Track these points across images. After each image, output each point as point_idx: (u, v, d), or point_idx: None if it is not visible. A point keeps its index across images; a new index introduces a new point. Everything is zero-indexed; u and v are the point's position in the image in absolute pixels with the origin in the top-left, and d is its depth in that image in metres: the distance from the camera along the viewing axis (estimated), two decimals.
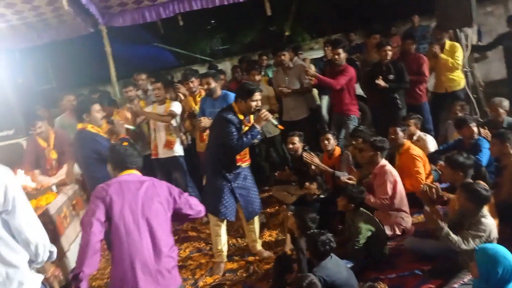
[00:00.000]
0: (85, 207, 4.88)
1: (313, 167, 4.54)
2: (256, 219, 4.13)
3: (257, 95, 3.65)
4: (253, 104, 3.65)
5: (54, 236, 3.82)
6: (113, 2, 5.82)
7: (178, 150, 5.12)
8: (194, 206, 2.82)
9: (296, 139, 4.84)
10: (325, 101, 6.44)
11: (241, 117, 3.74)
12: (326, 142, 4.80)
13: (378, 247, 3.63)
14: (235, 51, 11.54)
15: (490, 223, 3.03)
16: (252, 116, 3.84)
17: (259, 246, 4.20)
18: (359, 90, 5.97)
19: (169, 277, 2.54)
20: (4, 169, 1.95)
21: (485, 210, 3.09)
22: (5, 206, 1.88)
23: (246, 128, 3.76)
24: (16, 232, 1.93)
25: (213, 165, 3.92)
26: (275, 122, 3.93)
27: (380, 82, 5.23)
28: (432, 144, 4.96)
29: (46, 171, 4.88)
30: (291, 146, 4.87)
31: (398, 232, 3.97)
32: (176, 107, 5.04)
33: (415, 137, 4.90)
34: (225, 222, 4.01)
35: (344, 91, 5.40)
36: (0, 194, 1.86)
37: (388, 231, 3.92)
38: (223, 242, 4.03)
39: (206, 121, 4.43)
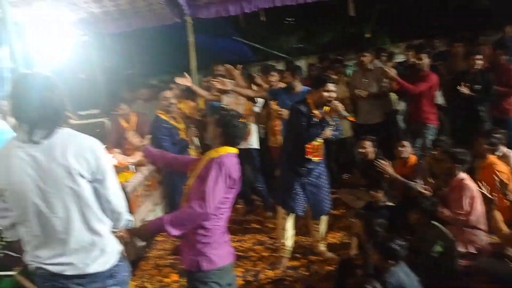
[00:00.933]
0: (158, 188, 5.11)
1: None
2: (323, 219, 4.11)
3: (330, 86, 3.65)
4: (326, 94, 3.63)
5: None
6: None
7: (253, 142, 5.18)
8: None
9: (368, 144, 4.74)
10: (402, 107, 6.24)
11: (313, 107, 3.73)
12: (401, 149, 4.64)
13: (448, 263, 3.47)
14: (311, 50, 11.50)
15: None
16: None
17: (322, 247, 4.18)
18: (438, 99, 5.73)
19: None
20: (97, 142, 2.08)
21: None
22: (97, 175, 2.01)
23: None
24: (104, 200, 2.06)
25: (285, 158, 3.95)
26: (346, 113, 3.87)
27: (464, 90, 4.97)
28: None
29: (125, 150, 5.14)
30: (362, 150, 4.77)
31: (472, 250, 3.77)
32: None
33: (498, 153, 4.61)
34: (292, 216, 4.02)
35: (423, 98, 5.20)
36: (93, 164, 1.99)
37: (461, 248, 3.73)
38: (288, 236, 4.04)
39: (285, 113, 4.47)
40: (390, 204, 4.20)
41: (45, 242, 1.99)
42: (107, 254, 2.10)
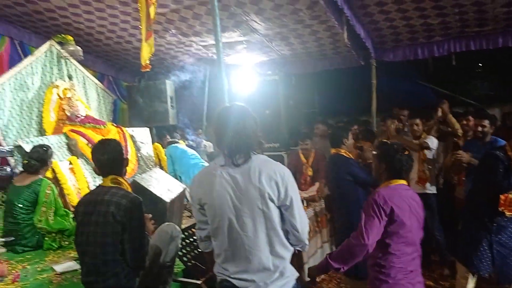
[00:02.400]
0: (327, 226, 5.13)
1: None
2: None
3: None
4: None
5: None
6: (388, 38, 6.03)
7: (430, 187, 4.97)
8: None
9: None
10: None
11: None
12: None
13: None
14: (506, 98, 10.31)
15: None
16: None
17: None
18: None
19: None
20: (287, 170, 2.21)
21: None
22: (284, 201, 2.13)
23: None
24: (289, 225, 2.17)
25: (473, 210, 3.58)
26: None
27: None
28: None
29: (300, 185, 5.33)
30: None
31: None
32: (431, 141, 4.94)
33: None
34: (474, 277, 3.60)
35: None
36: (282, 190, 2.11)
37: None
38: None
39: (466, 157, 4.15)
40: None
41: (232, 257, 2.17)
42: (286, 278, 2.18)
